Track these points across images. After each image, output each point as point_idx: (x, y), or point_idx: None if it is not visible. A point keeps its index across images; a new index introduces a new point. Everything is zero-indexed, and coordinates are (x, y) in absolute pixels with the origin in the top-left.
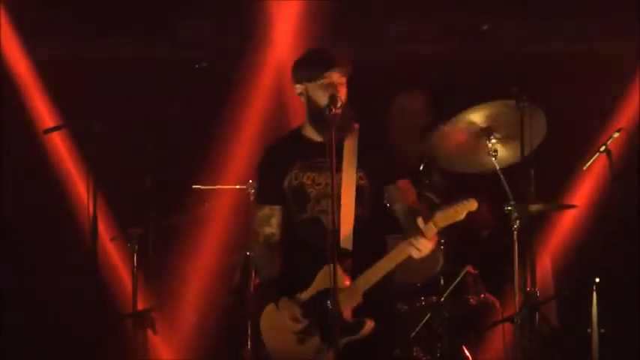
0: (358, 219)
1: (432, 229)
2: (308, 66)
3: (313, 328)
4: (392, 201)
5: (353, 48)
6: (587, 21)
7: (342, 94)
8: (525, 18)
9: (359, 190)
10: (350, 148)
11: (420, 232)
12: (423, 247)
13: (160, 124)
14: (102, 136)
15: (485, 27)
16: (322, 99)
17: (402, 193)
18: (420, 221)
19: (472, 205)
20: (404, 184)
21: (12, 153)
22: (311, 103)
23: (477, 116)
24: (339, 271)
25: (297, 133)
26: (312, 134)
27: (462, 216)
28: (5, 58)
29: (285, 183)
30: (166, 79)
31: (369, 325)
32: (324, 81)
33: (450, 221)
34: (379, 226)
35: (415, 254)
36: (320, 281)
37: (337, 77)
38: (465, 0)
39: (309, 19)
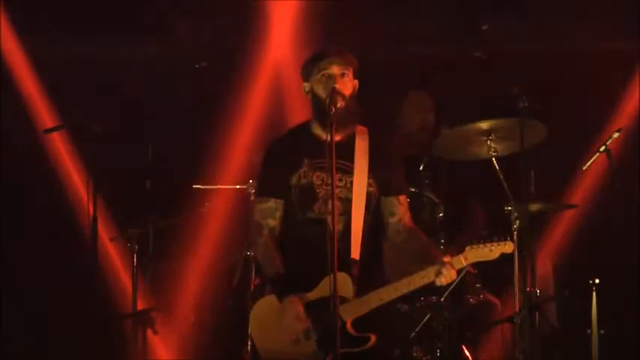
0: (365, 226)
1: (460, 263)
2: (310, 61)
3: (311, 331)
4: (387, 213)
5: (352, 48)
6: (587, 21)
7: (344, 87)
8: (525, 18)
9: (368, 196)
10: (362, 152)
11: (449, 264)
12: (450, 278)
13: (159, 124)
14: (102, 136)
15: (485, 27)
16: (322, 92)
17: (399, 209)
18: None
19: (508, 247)
20: (403, 200)
21: (12, 153)
22: (314, 99)
23: (482, 124)
24: (348, 280)
25: (305, 129)
26: (319, 131)
27: (496, 256)
28: (5, 58)
29: (294, 180)
30: (166, 79)
31: (372, 341)
32: (323, 73)
33: (482, 259)
34: (380, 235)
35: (439, 283)
36: (325, 286)
37: (336, 69)
38: (465, 0)
39: (307, 18)
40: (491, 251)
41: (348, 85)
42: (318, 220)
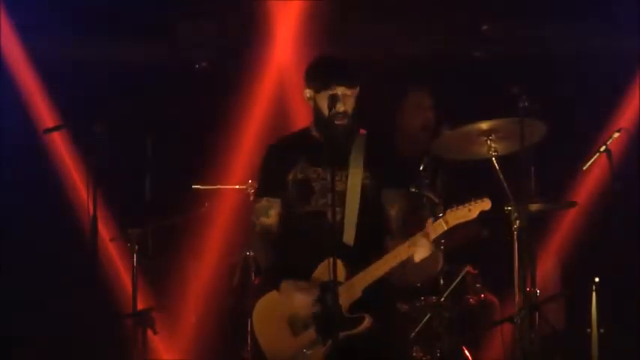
0: (361, 216)
1: (442, 227)
2: (316, 75)
3: (309, 319)
4: (388, 204)
5: (353, 48)
6: (587, 21)
7: (348, 106)
8: (525, 18)
9: (364, 188)
10: (358, 146)
11: (421, 234)
12: (422, 246)
13: (159, 124)
14: (102, 136)
15: (485, 27)
16: (325, 109)
17: (400, 200)
18: (429, 222)
19: (486, 204)
20: (403, 191)
21: (12, 153)
22: (317, 110)
23: (482, 125)
24: (340, 265)
25: (305, 132)
26: (318, 135)
27: (475, 215)
28: (5, 58)
29: (290, 176)
30: (166, 79)
31: (367, 321)
32: (329, 92)
33: (462, 220)
34: (379, 225)
35: (416, 256)
36: (319, 274)
37: (343, 90)
38: (465, 0)
39: (309, 19)
40: (470, 211)
41: (352, 102)
42: (316, 212)
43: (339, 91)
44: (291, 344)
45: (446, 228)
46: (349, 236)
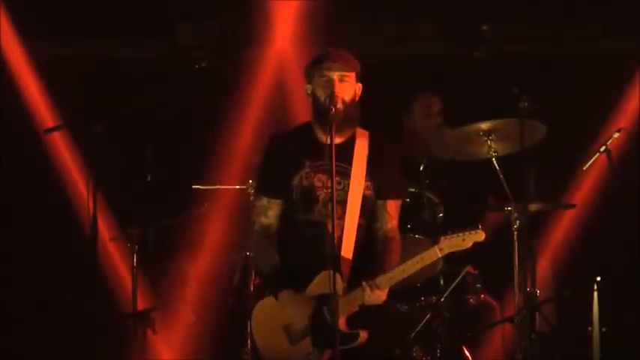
0: (361, 228)
1: (436, 254)
2: (310, 65)
3: (306, 330)
4: (375, 217)
5: (353, 48)
6: (587, 21)
7: (343, 91)
8: (525, 18)
9: (364, 199)
10: (360, 155)
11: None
12: (375, 298)
13: (159, 124)
14: (102, 136)
15: (485, 27)
16: (321, 95)
17: (384, 216)
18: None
19: (479, 236)
20: (392, 205)
21: (12, 153)
22: (314, 100)
23: (482, 125)
24: (337, 277)
25: (307, 130)
26: (319, 133)
27: (469, 245)
28: (5, 58)
29: (295, 181)
30: (166, 79)
31: (363, 337)
32: (323, 77)
33: (456, 249)
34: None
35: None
36: (317, 285)
37: (336, 74)
38: (465, 0)
39: (308, 19)
40: (464, 240)
41: (348, 89)
42: (318, 222)
43: (332, 74)
44: (288, 352)
45: (440, 255)
46: (348, 249)
